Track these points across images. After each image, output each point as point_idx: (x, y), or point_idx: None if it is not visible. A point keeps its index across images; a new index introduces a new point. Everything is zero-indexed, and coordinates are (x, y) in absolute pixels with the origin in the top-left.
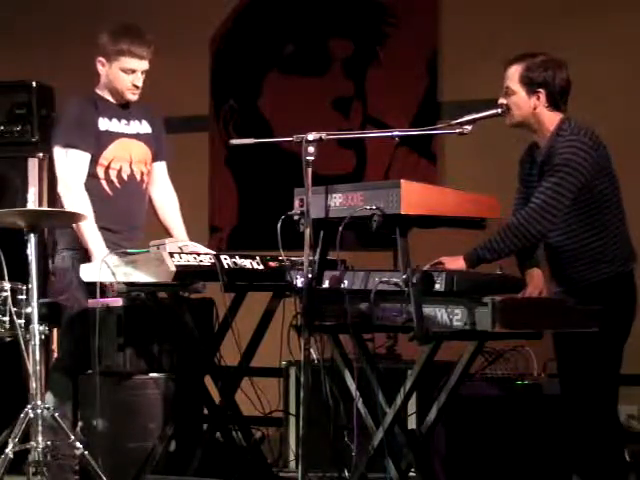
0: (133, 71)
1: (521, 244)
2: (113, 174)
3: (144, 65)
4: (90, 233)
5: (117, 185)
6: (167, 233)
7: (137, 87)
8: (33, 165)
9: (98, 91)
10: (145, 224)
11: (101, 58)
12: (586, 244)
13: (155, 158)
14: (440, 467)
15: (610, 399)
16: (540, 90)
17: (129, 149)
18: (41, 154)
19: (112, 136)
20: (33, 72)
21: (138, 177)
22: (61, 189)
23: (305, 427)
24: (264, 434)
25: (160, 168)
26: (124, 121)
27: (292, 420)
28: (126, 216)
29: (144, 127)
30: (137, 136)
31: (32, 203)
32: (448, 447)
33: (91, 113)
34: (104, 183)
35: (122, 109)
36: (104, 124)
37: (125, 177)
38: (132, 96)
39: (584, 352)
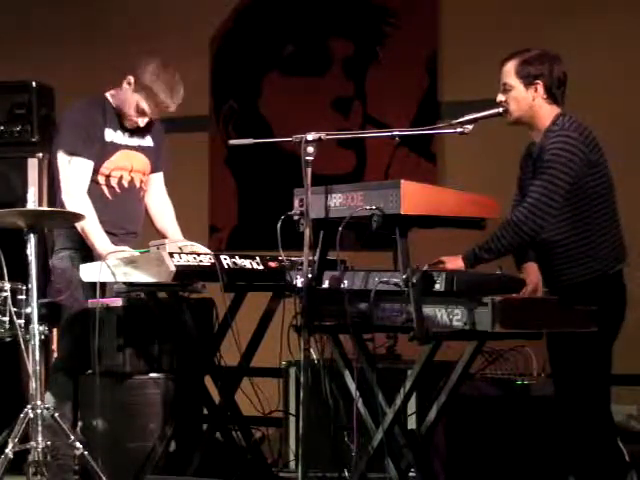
0: (146, 114)
1: (517, 243)
2: (114, 181)
3: (156, 116)
4: (94, 232)
5: (117, 190)
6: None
7: (142, 119)
8: (33, 165)
9: (109, 97)
10: (142, 232)
11: (131, 78)
12: (571, 241)
13: (153, 170)
14: (440, 467)
15: (601, 399)
16: (537, 82)
17: (130, 160)
18: (41, 154)
19: (116, 147)
20: (33, 72)
21: (137, 185)
22: (64, 197)
23: (305, 427)
24: (264, 434)
25: (157, 178)
26: (128, 133)
27: (292, 420)
28: (125, 220)
29: (147, 140)
30: (138, 148)
31: (32, 203)
32: (448, 447)
33: (99, 123)
34: (105, 188)
35: None
36: (110, 135)
37: (125, 184)
38: (131, 125)
39: (572, 353)
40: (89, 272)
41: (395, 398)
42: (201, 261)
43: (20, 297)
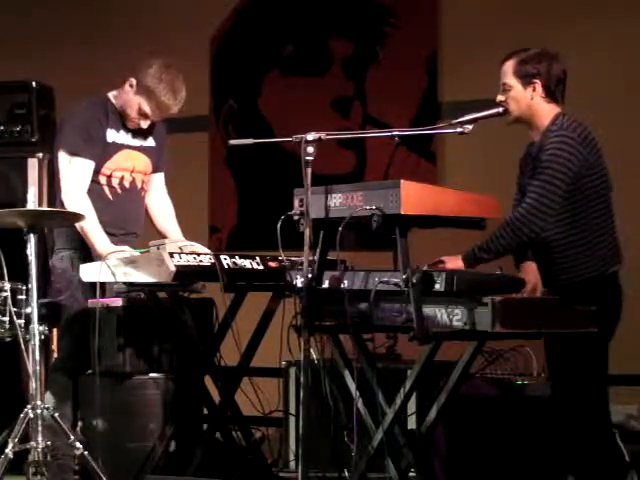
0: (148, 116)
1: (516, 243)
2: (115, 182)
3: (158, 118)
4: (94, 232)
5: (118, 191)
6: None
7: (145, 122)
8: (33, 165)
9: (111, 97)
10: (142, 232)
11: (133, 80)
12: (569, 241)
13: (155, 170)
14: (440, 467)
15: (599, 399)
16: (535, 81)
17: (132, 160)
18: (41, 154)
19: (117, 147)
20: (33, 72)
21: (139, 185)
22: (64, 197)
23: (305, 427)
24: (264, 434)
25: (158, 179)
26: (130, 133)
27: (292, 420)
28: (126, 221)
29: (149, 141)
30: (140, 148)
31: (32, 203)
32: (448, 447)
33: (101, 124)
34: (106, 189)
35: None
36: (111, 135)
37: (127, 184)
38: (133, 126)
39: (569, 353)
40: (89, 272)
41: (395, 398)
42: (201, 261)
43: (20, 297)
